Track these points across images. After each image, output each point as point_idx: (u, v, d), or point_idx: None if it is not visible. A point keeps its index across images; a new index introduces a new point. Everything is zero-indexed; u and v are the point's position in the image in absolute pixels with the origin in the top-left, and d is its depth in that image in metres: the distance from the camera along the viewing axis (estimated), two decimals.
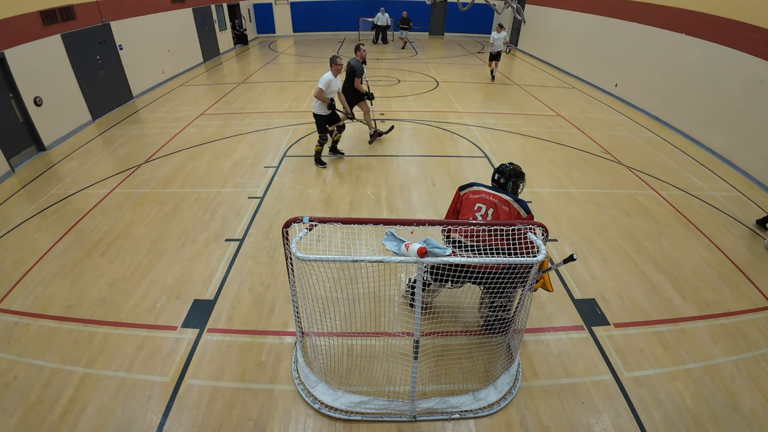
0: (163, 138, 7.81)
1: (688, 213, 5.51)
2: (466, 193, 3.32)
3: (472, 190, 3.29)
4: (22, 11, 6.93)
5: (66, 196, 5.78)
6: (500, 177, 3.28)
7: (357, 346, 3.38)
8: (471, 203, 3.24)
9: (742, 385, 3.15)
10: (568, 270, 4.38)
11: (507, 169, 3.27)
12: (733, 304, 3.96)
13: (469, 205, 3.24)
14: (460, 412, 2.89)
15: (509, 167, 3.28)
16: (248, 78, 12.49)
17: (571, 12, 13.07)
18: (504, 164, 3.33)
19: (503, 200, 3.18)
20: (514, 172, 3.26)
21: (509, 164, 3.32)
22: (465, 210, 3.26)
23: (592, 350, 3.44)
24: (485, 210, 3.19)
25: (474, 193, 3.26)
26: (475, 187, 3.29)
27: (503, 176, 3.27)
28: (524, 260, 2.43)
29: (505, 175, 3.26)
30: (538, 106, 10.03)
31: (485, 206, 3.19)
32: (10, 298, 3.95)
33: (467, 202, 3.27)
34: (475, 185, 3.31)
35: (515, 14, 8.80)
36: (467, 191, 3.32)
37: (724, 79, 7.26)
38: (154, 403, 2.95)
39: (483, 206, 3.20)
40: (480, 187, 3.28)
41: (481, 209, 3.20)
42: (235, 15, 17.78)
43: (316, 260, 2.33)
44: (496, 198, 3.19)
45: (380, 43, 18.33)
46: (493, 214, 3.16)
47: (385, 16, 17.77)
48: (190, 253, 4.56)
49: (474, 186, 3.31)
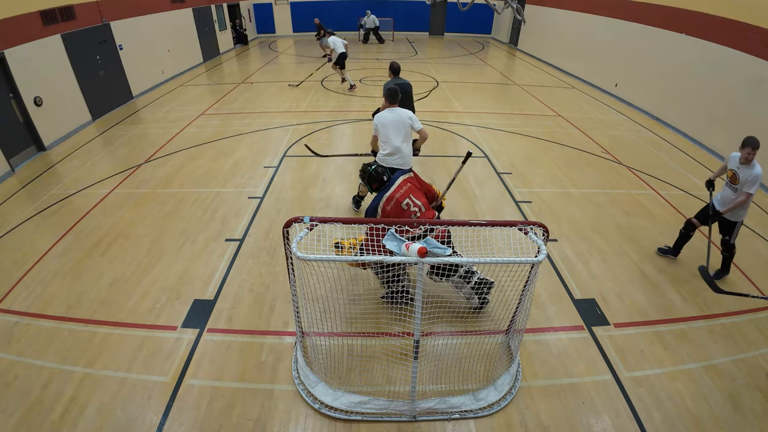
0: (163, 138, 7.81)
1: (688, 213, 5.48)
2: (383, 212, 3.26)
3: (383, 204, 3.27)
4: (22, 11, 6.93)
5: (66, 196, 5.78)
6: (384, 176, 3.47)
7: (357, 346, 3.38)
8: (398, 209, 3.27)
9: (742, 385, 3.15)
10: (568, 270, 4.38)
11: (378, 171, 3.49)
12: (732, 304, 3.96)
13: (399, 213, 3.28)
14: (460, 412, 2.89)
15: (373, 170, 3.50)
16: (248, 78, 12.49)
17: (571, 12, 13.07)
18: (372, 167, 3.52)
19: (404, 181, 3.36)
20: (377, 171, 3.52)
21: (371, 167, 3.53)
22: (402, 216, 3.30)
23: (592, 350, 3.44)
24: (411, 201, 3.33)
25: (389, 201, 3.29)
26: (382, 202, 3.29)
27: (387, 173, 3.51)
28: (524, 260, 2.43)
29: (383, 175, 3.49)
30: (538, 106, 10.03)
31: (408, 199, 3.32)
32: (10, 298, 3.95)
33: (395, 213, 3.26)
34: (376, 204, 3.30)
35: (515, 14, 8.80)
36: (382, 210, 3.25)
37: (724, 79, 7.26)
38: (154, 403, 2.95)
39: (408, 201, 3.32)
40: (383, 198, 3.30)
41: (410, 204, 3.32)
42: (236, 15, 17.78)
43: (317, 260, 2.33)
44: (402, 186, 3.33)
45: (368, 42, 18.44)
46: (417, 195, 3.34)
47: (371, 17, 17.98)
48: (190, 253, 4.56)
49: (378, 204, 3.29)
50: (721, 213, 4.10)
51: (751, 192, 3.90)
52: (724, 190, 4.17)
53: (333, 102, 9.94)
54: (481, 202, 5.67)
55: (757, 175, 3.86)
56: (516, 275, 2.75)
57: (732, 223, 4.13)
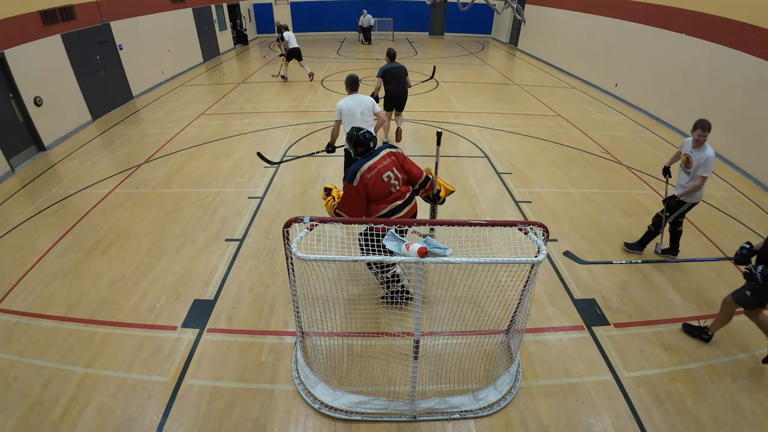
0: (163, 138, 7.81)
1: (688, 213, 5.50)
2: (362, 179, 3.23)
3: (363, 173, 3.23)
4: (22, 11, 6.93)
5: (66, 196, 5.78)
6: (371, 142, 3.38)
7: (357, 346, 3.38)
8: (378, 180, 3.27)
9: (742, 386, 3.15)
10: (568, 270, 4.38)
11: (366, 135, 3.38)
12: None
13: (379, 184, 3.27)
14: (460, 412, 2.89)
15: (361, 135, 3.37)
16: (248, 78, 12.49)
17: (571, 12, 13.07)
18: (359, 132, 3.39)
19: (386, 155, 3.37)
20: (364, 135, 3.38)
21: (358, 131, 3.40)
22: (378, 190, 3.28)
23: (592, 350, 3.44)
24: (393, 173, 3.34)
25: (369, 171, 3.26)
26: (362, 169, 3.24)
27: (372, 141, 3.40)
28: (524, 260, 2.42)
29: (370, 140, 3.38)
30: (538, 106, 10.03)
31: (390, 172, 3.32)
32: (10, 298, 3.95)
33: (375, 183, 3.25)
34: (357, 168, 3.25)
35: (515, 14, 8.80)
36: (363, 176, 3.23)
37: (724, 79, 7.26)
38: (154, 403, 2.95)
39: (389, 174, 3.32)
40: (365, 164, 3.27)
41: (390, 177, 3.32)
42: (236, 15, 17.79)
43: (317, 260, 2.33)
44: (386, 158, 3.35)
45: (364, 42, 18.45)
46: (398, 169, 3.39)
47: (367, 17, 17.98)
48: (190, 253, 4.56)
49: (360, 169, 3.24)
50: (676, 197, 4.21)
51: (705, 175, 3.99)
52: (680, 175, 4.29)
53: (333, 102, 9.92)
54: (481, 202, 5.67)
55: (708, 157, 3.97)
56: (516, 275, 2.75)
57: (681, 203, 4.24)
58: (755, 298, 3.13)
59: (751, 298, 3.15)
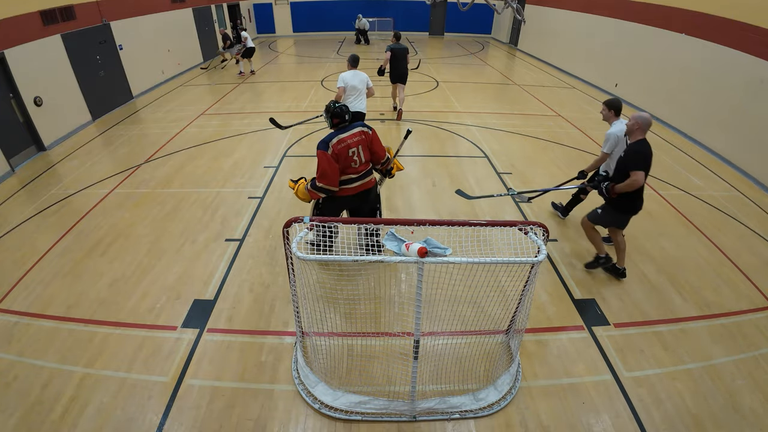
0: (163, 138, 7.82)
1: (688, 213, 5.51)
2: (333, 149, 3.58)
3: (334, 144, 3.58)
4: (22, 11, 6.93)
5: (66, 196, 5.78)
6: (346, 115, 3.71)
7: (357, 346, 3.38)
8: (345, 155, 3.63)
9: (742, 385, 3.15)
10: (568, 270, 4.38)
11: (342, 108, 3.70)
12: (733, 304, 3.96)
13: (344, 156, 3.63)
14: (460, 412, 2.89)
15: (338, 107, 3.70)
16: (248, 78, 12.49)
17: (571, 12, 13.08)
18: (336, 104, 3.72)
19: (357, 132, 3.71)
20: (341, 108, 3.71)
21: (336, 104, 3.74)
22: (341, 162, 3.64)
23: (592, 350, 3.44)
24: (358, 150, 3.70)
25: (339, 143, 3.61)
26: (335, 140, 3.60)
27: (347, 113, 3.72)
28: (524, 260, 2.42)
29: (346, 113, 3.70)
30: (538, 106, 10.03)
31: (355, 147, 3.68)
32: (10, 298, 3.95)
33: (341, 154, 3.61)
34: (332, 138, 3.61)
35: (515, 14, 8.81)
36: (333, 147, 3.58)
37: (724, 79, 7.26)
38: (154, 403, 2.95)
39: (354, 150, 3.67)
40: (337, 137, 3.62)
41: (354, 153, 3.68)
42: (236, 15, 17.79)
43: (317, 260, 2.33)
44: (356, 135, 3.69)
45: (363, 43, 18.47)
46: (365, 148, 3.74)
47: (363, 21, 18.07)
48: (190, 253, 4.56)
49: (332, 140, 3.60)
50: (584, 171, 4.63)
51: (604, 151, 4.28)
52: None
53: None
54: (481, 202, 5.67)
55: (607, 134, 4.24)
56: (516, 275, 2.75)
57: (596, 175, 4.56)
58: (605, 216, 4.01)
59: (602, 215, 4.02)
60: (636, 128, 3.73)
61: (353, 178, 3.78)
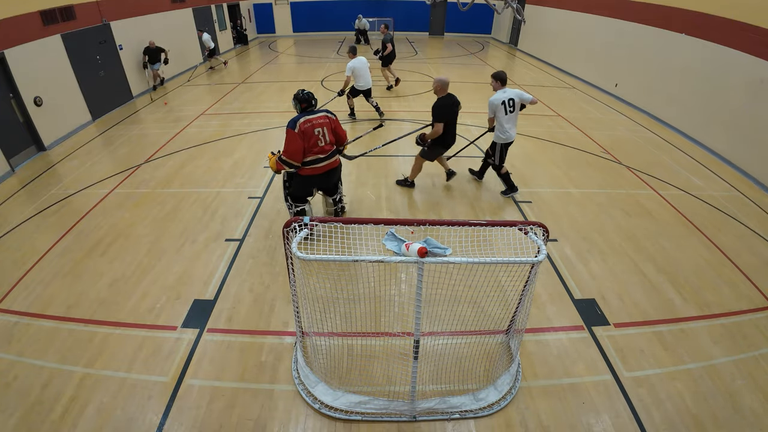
0: (163, 138, 7.82)
1: (688, 213, 5.51)
2: (299, 128, 4.02)
3: (301, 123, 4.03)
4: (22, 11, 6.93)
5: (66, 196, 5.78)
6: (312, 100, 4.19)
7: (357, 346, 3.38)
8: (310, 133, 4.07)
9: (742, 386, 3.15)
10: (568, 270, 4.38)
11: (308, 94, 4.20)
12: (733, 304, 3.97)
13: (309, 134, 4.06)
14: (460, 412, 2.89)
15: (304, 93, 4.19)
16: (248, 78, 12.49)
17: (571, 12, 13.07)
18: (304, 92, 4.20)
19: (323, 116, 4.18)
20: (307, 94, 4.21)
21: (304, 91, 4.22)
22: (308, 140, 4.07)
23: (592, 350, 3.44)
24: (323, 130, 4.14)
25: (306, 122, 4.06)
26: (300, 120, 4.04)
27: (313, 99, 4.21)
28: (524, 260, 2.43)
29: (312, 98, 4.19)
30: (538, 106, 10.02)
31: (320, 128, 4.12)
32: (10, 298, 3.95)
33: (307, 134, 4.06)
34: (299, 118, 4.06)
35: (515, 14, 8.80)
36: (300, 125, 4.03)
37: (724, 79, 7.26)
38: (154, 403, 2.95)
39: (319, 129, 4.11)
40: (304, 117, 4.08)
41: (319, 132, 4.11)
42: (236, 15, 17.78)
43: (317, 260, 2.33)
44: (321, 118, 4.15)
45: (363, 44, 18.40)
46: (329, 130, 4.21)
47: (363, 21, 17.86)
48: (190, 253, 4.56)
49: (299, 119, 4.05)
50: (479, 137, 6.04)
51: (490, 116, 5.31)
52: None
53: (333, 102, 9.93)
54: (481, 202, 5.67)
55: (489, 101, 5.21)
56: (516, 275, 2.75)
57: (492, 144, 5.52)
58: (429, 153, 5.54)
59: (427, 152, 5.54)
60: (438, 88, 5.13)
61: (321, 158, 4.20)
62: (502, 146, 5.39)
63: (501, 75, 5.19)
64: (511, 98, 5.12)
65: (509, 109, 5.15)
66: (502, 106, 5.11)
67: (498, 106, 5.11)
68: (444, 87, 5.12)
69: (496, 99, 5.11)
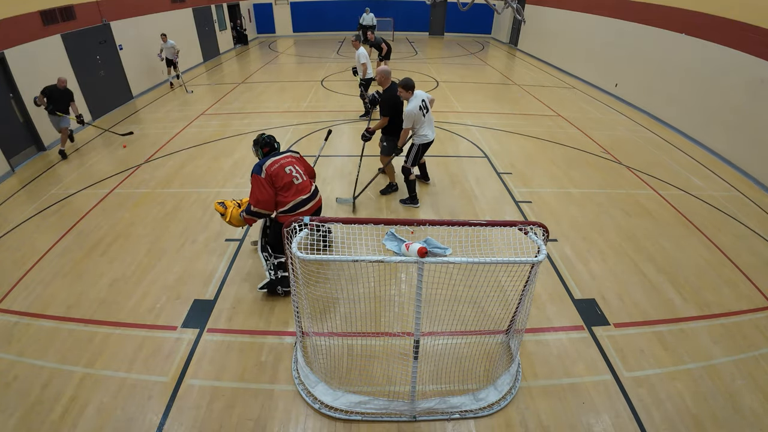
0: (163, 138, 7.81)
1: (688, 213, 5.51)
2: (266, 172, 3.62)
3: (267, 166, 3.64)
4: (22, 11, 6.93)
5: (66, 196, 5.78)
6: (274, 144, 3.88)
7: (357, 346, 3.38)
8: (281, 173, 3.65)
9: (742, 386, 3.15)
10: (568, 270, 4.38)
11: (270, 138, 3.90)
12: (733, 304, 3.97)
13: (281, 175, 3.66)
14: (460, 412, 2.89)
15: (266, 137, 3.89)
16: (248, 78, 12.49)
17: (571, 12, 13.07)
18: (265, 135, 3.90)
19: (288, 155, 3.81)
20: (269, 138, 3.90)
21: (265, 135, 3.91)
22: (281, 180, 3.65)
23: (592, 350, 3.44)
24: (294, 168, 3.74)
25: (273, 164, 3.66)
26: (267, 163, 3.65)
27: (275, 142, 3.90)
28: (524, 260, 2.43)
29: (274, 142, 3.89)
30: (538, 106, 10.03)
31: (290, 166, 3.72)
32: (10, 298, 3.95)
33: (279, 174, 3.65)
34: (264, 161, 3.67)
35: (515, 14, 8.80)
36: (267, 168, 3.63)
37: (724, 79, 7.26)
38: (154, 403, 2.95)
39: (290, 168, 3.71)
40: (270, 159, 3.69)
41: (291, 171, 3.71)
42: (236, 15, 17.79)
43: (317, 260, 2.33)
44: (287, 157, 3.77)
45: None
46: (301, 166, 3.82)
47: (370, 15, 17.56)
48: (190, 253, 4.56)
49: (264, 163, 3.65)
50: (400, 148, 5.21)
51: (406, 126, 4.91)
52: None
53: (333, 102, 9.94)
54: (481, 202, 5.67)
55: (405, 113, 4.85)
56: (516, 275, 2.75)
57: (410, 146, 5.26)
58: (386, 147, 5.40)
59: (386, 147, 5.40)
60: (383, 79, 5.12)
61: (304, 199, 3.71)
62: (420, 147, 5.15)
63: (409, 83, 4.87)
64: (422, 100, 4.90)
65: (424, 112, 4.93)
66: (420, 112, 4.86)
67: (416, 113, 4.83)
68: (388, 77, 5.11)
69: (413, 108, 4.80)
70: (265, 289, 3.90)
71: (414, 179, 5.41)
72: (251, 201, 3.64)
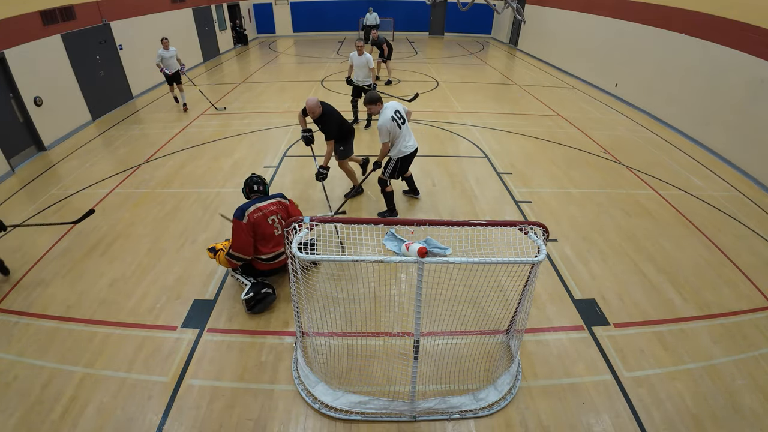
0: (163, 138, 7.81)
1: (688, 213, 5.52)
2: (248, 218, 3.58)
3: (250, 213, 3.59)
4: (22, 11, 6.93)
5: (66, 196, 5.78)
6: (261, 186, 3.84)
7: (357, 346, 3.38)
8: (263, 223, 3.62)
9: (742, 386, 3.15)
10: (568, 270, 4.38)
11: (261, 179, 3.88)
12: (733, 304, 3.97)
13: (263, 225, 3.63)
14: (460, 412, 2.89)
15: (255, 178, 3.87)
16: (248, 78, 12.49)
17: (571, 12, 13.07)
18: (255, 176, 3.89)
19: (275, 202, 3.74)
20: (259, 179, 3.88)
21: (255, 175, 3.90)
22: (262, 230, 3.64)
23: (592, 350, 3.44)
24: (277, 218, 3.70)
25: (256, 212, 3.61)
26: (250, 209, 3.60)
27: (262, 185, 3.86)
28: (524, 260, 2.42)
29: (263, 183, 3.86)
30: (538, 106, 10.03)
31: (274, 215, 3.68)
32: (10, 298, 3.95)
33: (259, 225, 3.61)
34: (246, 208, 3.61)
35: (515, 14, 8.81)
36: (249, 215, 3.58)
37: (724, 79, 7.26)
38: (154, 403, 2.95)
39: (273, 217, 3.67)
40: (254, 206, 3.64)
41: (274, 221, 3.68)
42: (236, 15, 17.78)
43: (317, 260, 2.33)
44: (272, 205, 3.70)
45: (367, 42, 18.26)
46: (284, 215, 3.73)
47: (373, 15, 17.43)
48: (190, 253, 4.56)
49: (248, 208, 3.60)
50: (377, 162, 4.89)
51: (383, 141, 4.71)
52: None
53: (333, 102, 9.86)
54: (481, 202, 5.67)
55: (379, 127, 4.64)
56: (516, 275, 2.75)
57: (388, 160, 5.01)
58: (344, 153, 5.44)
59: (342, 152, 5.41)
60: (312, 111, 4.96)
61: (281, 252, 3.76)
62: (399, 160, 4.91)
63: (375, 96, 4.76)
64: (396, 110, 4.66)
65: (400, 122, 4.67)
66: (394, 123, 4.59)
67: (391, 124, 4.57)
68: (316, 106, 4.95)
69: (385, 120, 4.56)
70: (251, 294, 3.71)
71: (391, 191, 5.16)
72: (231, 245, 3.66)
